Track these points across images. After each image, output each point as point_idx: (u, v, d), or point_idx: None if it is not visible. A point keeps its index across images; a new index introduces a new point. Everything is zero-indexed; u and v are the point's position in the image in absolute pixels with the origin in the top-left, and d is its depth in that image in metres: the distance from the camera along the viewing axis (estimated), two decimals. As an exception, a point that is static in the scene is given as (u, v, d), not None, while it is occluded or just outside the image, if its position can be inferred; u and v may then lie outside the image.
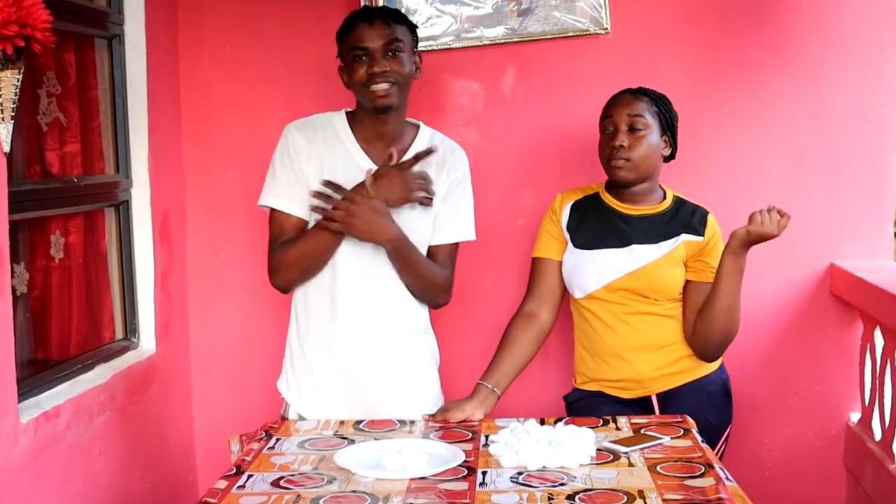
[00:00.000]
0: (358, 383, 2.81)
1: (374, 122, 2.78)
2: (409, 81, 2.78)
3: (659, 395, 2.95)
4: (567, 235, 2.98)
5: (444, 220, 2.86)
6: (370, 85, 2.71)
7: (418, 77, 2.83)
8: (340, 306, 2.79)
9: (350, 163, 2.78)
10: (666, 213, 2.96)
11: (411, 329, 2.86)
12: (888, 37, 3.53)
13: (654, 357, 2.94)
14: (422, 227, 2.82)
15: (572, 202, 3.02)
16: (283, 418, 2.86)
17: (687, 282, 2.93)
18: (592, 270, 2.93)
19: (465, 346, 3.59)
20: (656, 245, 2.91)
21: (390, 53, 2.72)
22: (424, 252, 2.84)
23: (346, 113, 2.86)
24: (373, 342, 2.80)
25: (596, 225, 2.96)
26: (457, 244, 2.91)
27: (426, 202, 2.75)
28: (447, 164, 2.86)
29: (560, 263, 3.00)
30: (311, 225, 2.79)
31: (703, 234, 2.93)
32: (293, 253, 2.76)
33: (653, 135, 2.90)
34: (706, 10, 3.56)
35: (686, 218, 2.95)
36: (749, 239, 2.76)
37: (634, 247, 2.91)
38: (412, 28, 2.81)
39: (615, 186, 2.96)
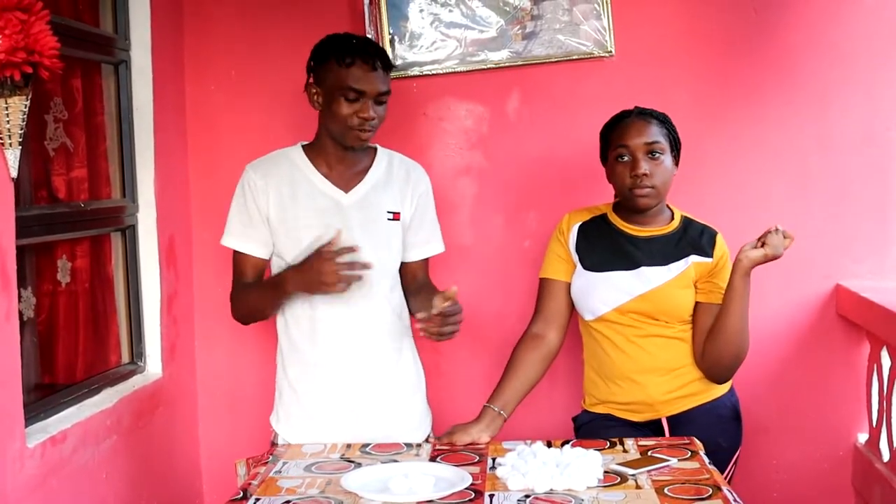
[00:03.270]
0: (343, 404, 2.82)
1: (337, 149, 2.83)
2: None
3: (669, 419, 2.94)
4: (575, 257, 2.98)
5: (415, 236, 2.94)
6: (357, 129, 2.74)
7: None
8: (320, 329, 2.81)
9: (311, 189, 2.82)
10: (674, 234, 2.95)
11: (392, 350, 2.87)
12: (892, 59, 3.54)
13: (665, 380, 2.92)
14: (396, 241, 2.89)
15: (580, 223, 3.00)
16: (273, 445, 2.87)
17: (696, 303, 2.92)
18: (602, 293, 2.92)
19: (470, 368, 3.59)
20: (666, 267, 2.90)
21: (379, 102, 2.76)
22: (397, 265, 2.91)
23: (303, 146, 2.90)
24: (354, 364, 2.81)
25: (604, 247, 2.95)
26: (428, 259, 3.00)
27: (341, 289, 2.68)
28: (411, 181, 2.92)
29: (568, 284, 2.98)
30: (272, 263, 2.87)
31: (711, 255, 2.92)
32: (247, 302, 2.88)
33: (668, 157, 2.90)
34: (710, 33, 3.57)
35: (694, 239, 2.94)
36: (763, 261, 2.76)
37: (643, 269, 2.90)
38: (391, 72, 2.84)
39: (629, 210, 2.94)
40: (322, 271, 2.64)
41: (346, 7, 3.58)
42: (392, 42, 3.53)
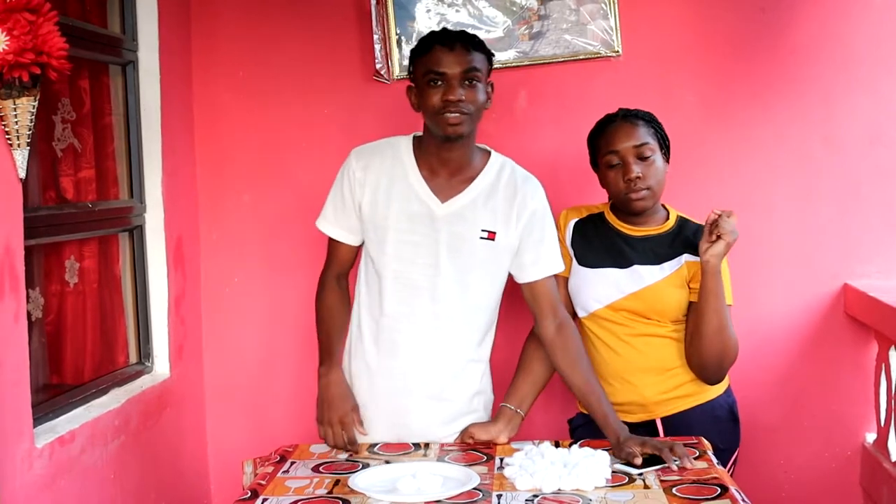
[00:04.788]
0: (390, 413, 2.79)
1: (440, 148, 2.74)
2: (481, 111, 2.74)
3: (664, 419, 2.92)
4: (572, 253, 2.97)
5: (531, 254, 2.81)
6: (443, 113, 2.65)
7: (489, 106, 2.78)
8: (384, 337, 2.78)
9: (408, 190, 2.76)
10: (669, 234, 2.94)
11: (453, 370, 2.80)
12: (899, 58, 3.54)
13: (659, 380, 2.91)
14: (490, 261, 2.79)
15: (575, 220, 3.01)
16: None
17: (690, 303, 2.90)
18: (594, 289, 2.91)
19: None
20: (659, 266, 2.90)
21: (467, 82, 2.67)
22: (491, 287, 2.82)
23: (415, 137, 2.83)
24: (408, 376, 2.77)
25: (599, 244, 2.95)
26: (553, 276, 2.86)
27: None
28: (518, 197, 2.79)
29: (568, 280, 2.99)
30: (366, 248, 2.83)
31: None
32: (317, 317, 2.88)
33: (658, 156, 2.89)
34: (717, 33, 3.57)
35: (688, 238, 2.92)
36: (727, 251, 2.78)
37: (636, 268, 2.90)
38: (489, 56, 2.76)
39: (629, 212, 2.94)
40: (330, 425, 2.72)
41: (353, 8, 3.58)
42: (399, 43, 3.53)
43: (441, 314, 2.76)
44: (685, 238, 2.93)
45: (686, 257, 2.90)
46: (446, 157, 2.75)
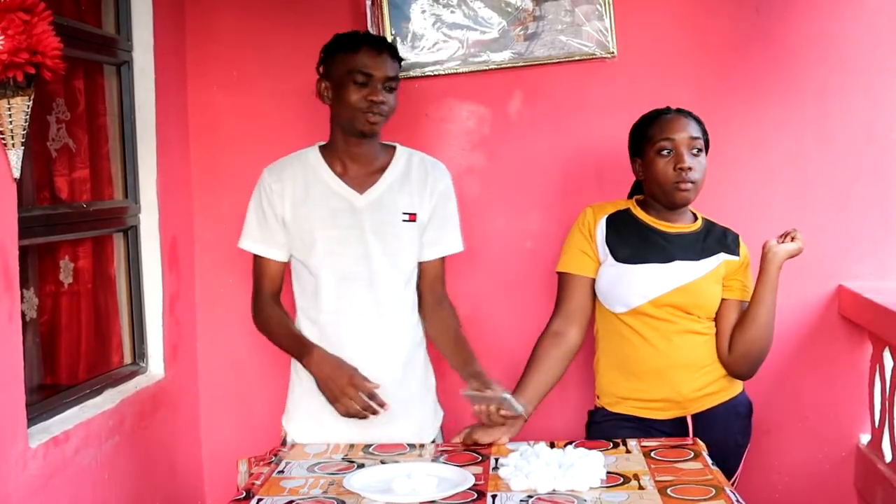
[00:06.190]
0: None
1: (350, 144, 2.84)
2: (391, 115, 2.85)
3: (694, 416, 2.94)
4: (605, 250, 2.94)
5: (433, 234, 2.92)
6: (366, 112, 2.76)
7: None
8: (330, 331, 2.83)
9: (325, 189, 2.84)
10: (700, 233, 2.97)
11: (401, 352, 2.86)
12: (892, 59, 3.54)
13: (695, 377, 2.92)
14: (412, 243, 2.87)
15: (607, 216, 2.99)
16: (284, 445, 2.86)
17: (722, 300, 2.94)
18: (637, 285, 2.90)
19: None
20: (698, 262, 2.91)
21: (388, 88, 2.78)
22: (412, 263, 2.88)
23: (319, 147, 2.92)
24: (361, 366, 2.79)
25: (635, 240, 2.94)
26: (444, 257, 2.97)
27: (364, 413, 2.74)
28: (429, 180, 2.90)
29: (590, 280, 2.96)
30: (291, 264, 2.89)
31: (738, 254, 2.97)
32: (269, 332, 2.91)
33: (704, 156, 2.92)
34: (711, 34, 3.57)
35: (720, 238, 2.97)
36: (795, 254, 2.89)
37: (678, 262, 2.90)
38: (401, 67, 2.89)
39: (663, 206, 2.94)
40: (344, 395, 2.71)
41: (348, 7, 3.58)
42: (394, 43, 3.53)
43: (380, 301, 2.82)
44: (717, 237, 2.97)
45: (723, 256, 2.94)
46: (356, 153, 2.85)
